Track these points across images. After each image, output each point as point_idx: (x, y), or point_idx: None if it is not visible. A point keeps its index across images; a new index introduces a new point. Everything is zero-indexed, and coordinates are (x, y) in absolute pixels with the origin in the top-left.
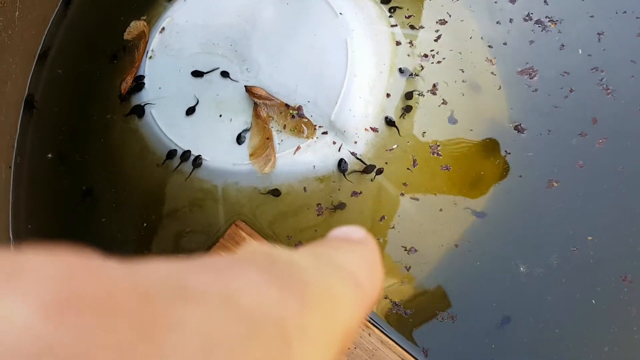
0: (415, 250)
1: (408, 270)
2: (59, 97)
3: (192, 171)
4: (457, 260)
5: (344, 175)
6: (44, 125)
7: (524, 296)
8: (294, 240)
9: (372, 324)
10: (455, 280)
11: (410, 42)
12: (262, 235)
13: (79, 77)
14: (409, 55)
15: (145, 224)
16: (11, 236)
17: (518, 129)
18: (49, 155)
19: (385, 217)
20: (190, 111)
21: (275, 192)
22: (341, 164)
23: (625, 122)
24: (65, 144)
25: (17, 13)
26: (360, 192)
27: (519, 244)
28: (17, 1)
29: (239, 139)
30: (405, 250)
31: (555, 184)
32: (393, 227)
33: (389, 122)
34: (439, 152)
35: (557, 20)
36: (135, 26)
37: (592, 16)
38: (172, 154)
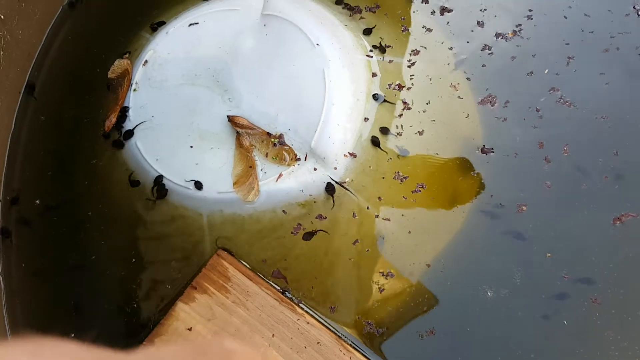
0: (392, 275)
1: (381, 292)
2: (44, 140)
3: (159, 197)
4: (429, 279)
5: (332, 197)
6: (30, 169)
7: (495, 316)
8: (270, 265)
9: (353, 347)
10: (428, 300)
11: (385, 70)
12: (243, 262)
13: (62, 122)
14: (383, 83)
15: (134, 259)
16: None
17: (485, 151)
18: (37, 202)
19: (359, 241)
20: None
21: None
22: (328, 187)
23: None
24: (52, 188)
25: (2, 52)
26: (334, 218)
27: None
28: (2, 40)
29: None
30: (383, 274)
31: (524, 208)
32: (368, 251)
33: (375, 142)
34: (410, 174)
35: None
36: (119, 64)
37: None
38: (159, 180)
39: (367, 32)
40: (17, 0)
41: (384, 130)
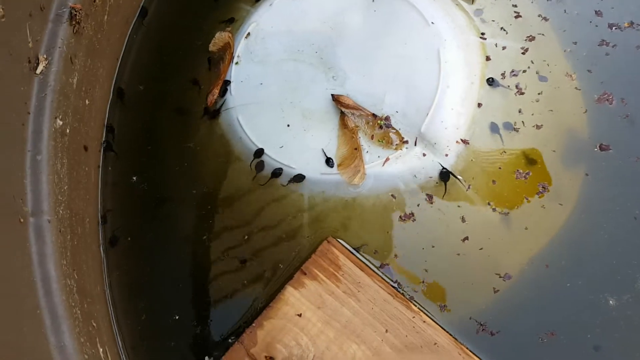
0: (509, 277)
1: (496, 292)
2: (142, 115)
3: (258, 171)
4: (547, 281)
5: (445, 185)
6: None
7: (616, 323)
8: (380, 256)
9: (470, 351)
10: (547, 302)
11: (498, 54)
12: (353, 251)
13: (158, 96)
14: (497, 67)
15: (246, 236)
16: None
17: (603, 148)
18: (133, 179)
19: (469, 238)
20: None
21: (298, 178)
22: (443, 174)
23: None
24: (148, 165)
25: (106, 16)
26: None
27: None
28: (107, 3)
29: (328, 163)
30: (499, 276)
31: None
32: (481, 249)
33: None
34: (527, 169)
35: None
36: (220, 37)
37: None
38: (259, 153)
39: (479, 13)
40: None
41: (499, 120)
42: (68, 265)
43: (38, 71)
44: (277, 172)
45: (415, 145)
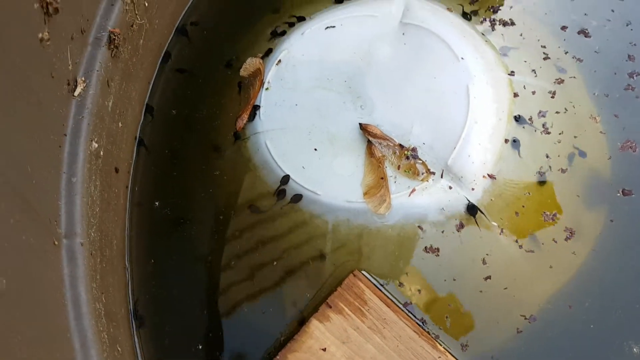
0: (535, 319)
1: (518, 332)
2: (170, 138)
3: (279, 198)
4: (571, 323)
5: (475, 219)
6: (154, 167)
7: None
8: (406, 289)
9: None
10: (570, 345)
11: (530, 91)
12: (379, 285)
13: (187, 121)
14: (525, 104)
15: (275, 262)
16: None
17: (625, 193)
18: (156, 204)
19: (491, 277)
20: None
21: (296, 198)
22: (470, 208)
23: None
24: (173, 191)
25: (142, 41)
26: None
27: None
28: (143, 29)
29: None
30: (524, 317)
31: None
32: (506, 289)
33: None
34: (554, 209)
35: None
36: (251, 63)
37: None
38: (285, 180)
39: (506, 50)
40: None
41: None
42: (97, 288)
43: (76, 93)
44: (297, 198)
45: (442, 177)
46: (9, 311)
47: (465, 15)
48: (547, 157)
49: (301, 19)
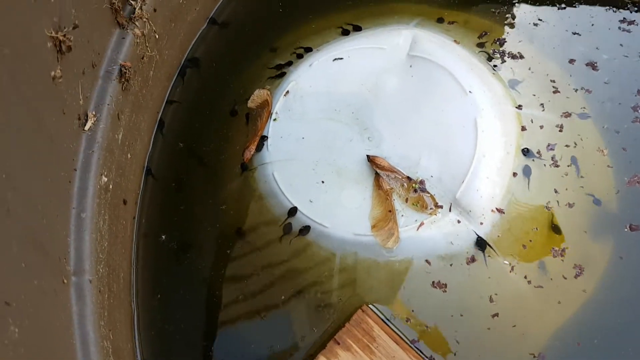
0: (544, 357)
1: None
2: (177, 170)
3: (285, 232)
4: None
5: (484, 254)
6: (161, 199)
7: None
8: (413, 325)
9: None
10: None
11: (538, 125)
12: (387, 322)
13: (194, 152)
14: (533, 138)
15: (282, 297)
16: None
17: (633, 228)
18: (163, 237)
19: (499, 315)
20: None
21: (304, 231)
22: (479, 242)
23: None
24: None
25: (152, 72)
26: (489, 277)
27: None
28: (153, 60)
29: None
30: (534, 356)
31: None
32: (514, 326)
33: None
34: (560, 246)
35: None
36: (259, 94)
37: None
38: (293, 212)
39: (515, 83)
40: (169, 21)
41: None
42: (105, 326)
43: (87, 128)
44: (305, 230)
45: (450, 211)
46: (20, 357)
47: (481, 46)
48: (556, 191)
49: (308, 49)
